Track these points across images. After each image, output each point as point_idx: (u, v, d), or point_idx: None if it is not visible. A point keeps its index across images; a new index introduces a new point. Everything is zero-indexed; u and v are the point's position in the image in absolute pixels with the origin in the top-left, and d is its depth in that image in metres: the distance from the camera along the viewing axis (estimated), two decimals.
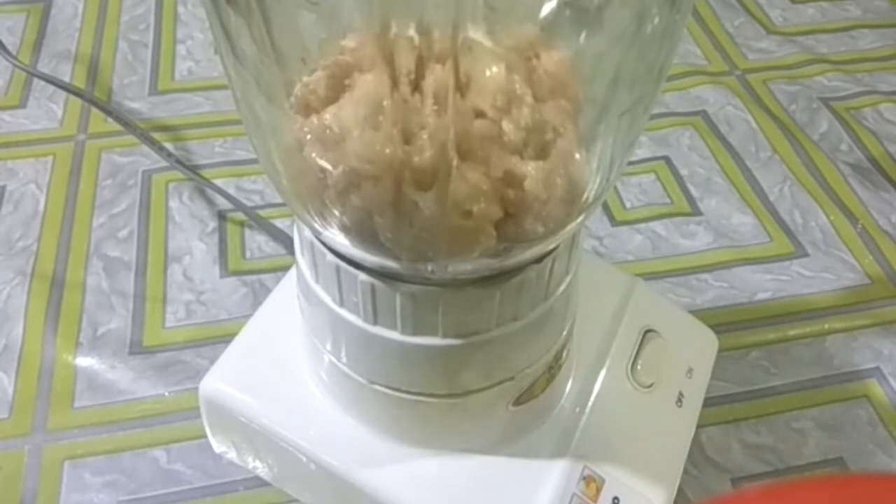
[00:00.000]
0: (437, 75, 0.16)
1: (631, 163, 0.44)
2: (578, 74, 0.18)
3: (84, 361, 0.34)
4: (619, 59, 0.18)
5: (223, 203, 0.40)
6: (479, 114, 0.17)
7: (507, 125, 0.17)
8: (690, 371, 0.29)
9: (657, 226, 0.41)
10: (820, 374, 0.35)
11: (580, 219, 0.20)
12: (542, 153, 0.18)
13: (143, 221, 0.39)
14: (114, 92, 0.46)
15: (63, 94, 0.45)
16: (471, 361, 0.22)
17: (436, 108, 0.16)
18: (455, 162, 0.16)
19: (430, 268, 0.19)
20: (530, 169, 0.17)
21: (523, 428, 0.25)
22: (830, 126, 0.47)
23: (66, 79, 0.46)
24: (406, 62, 0.16)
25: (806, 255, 0.40)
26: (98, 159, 0.42)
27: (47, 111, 0.45)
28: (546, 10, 0.18)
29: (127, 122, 0.40)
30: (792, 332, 0.37)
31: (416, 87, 0.16)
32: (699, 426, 0.29)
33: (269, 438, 0.25)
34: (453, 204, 0.17)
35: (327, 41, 0.18)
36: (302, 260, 0.22)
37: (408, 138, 0.16)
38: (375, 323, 0.21)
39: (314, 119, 0.18)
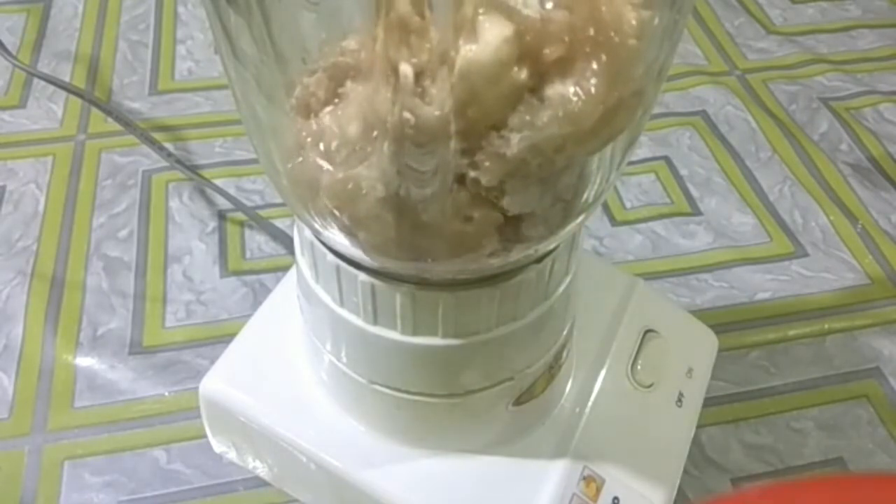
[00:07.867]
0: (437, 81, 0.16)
1: (631, 163, 0.44)
2: None
3: (84, 361, 0.34)
4: None
5: (223, 203, 0.40)
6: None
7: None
8: (690, 371, 0.29)
9: (657, 226, 0.41)
10: (820, 374, 0.35)
11: (580, 219, 0.20)
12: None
13: (143, 221, 0.39)
14: (114, 92, 0.46)
15: (63, 94, 0.45)
16: (471, 361, 0.22)
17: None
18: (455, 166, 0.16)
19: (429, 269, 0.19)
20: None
21: (523, 428, 0.25)
22: (830, 126, 0.47)
23: (66, 79, 0.46)
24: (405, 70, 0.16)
25: (806, 255, 0.40)
26: (98, 159, 0.42)
27: (47, 111, 0.45)
28: None
29: (127, 122, 0.40)
30: (792, 332, 0.37)
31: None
32: (699, 426, 0.29)
33: (269, 438, 0.25)
34: (454, 210, 0.17)
35: (327, 42, 0.18)
36: (302, 260, 0.22)
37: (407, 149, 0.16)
38: (375, 323, 0.21)
39: (313, 124, 0.17)
